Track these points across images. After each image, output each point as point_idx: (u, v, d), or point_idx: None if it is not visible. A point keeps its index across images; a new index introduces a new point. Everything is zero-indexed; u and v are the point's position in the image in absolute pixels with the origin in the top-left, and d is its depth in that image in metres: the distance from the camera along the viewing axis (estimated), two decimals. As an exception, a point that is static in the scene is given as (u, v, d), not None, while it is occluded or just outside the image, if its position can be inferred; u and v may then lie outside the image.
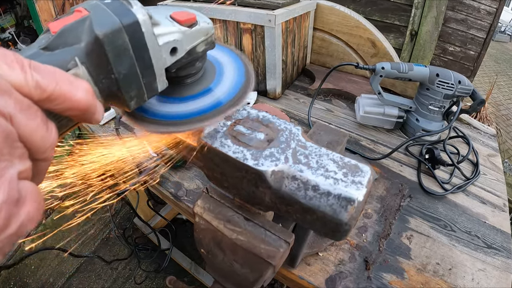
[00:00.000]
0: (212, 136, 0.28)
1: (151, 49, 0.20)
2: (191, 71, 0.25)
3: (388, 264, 0.49)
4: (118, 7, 0.18)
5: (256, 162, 0.25)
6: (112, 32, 0.18)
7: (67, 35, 0.18)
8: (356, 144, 0.75)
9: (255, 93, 0.89)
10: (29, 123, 0.14)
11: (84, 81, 0.17)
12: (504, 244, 0.55)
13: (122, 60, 0.18)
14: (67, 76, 0.16)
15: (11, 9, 1.88)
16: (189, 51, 0.22)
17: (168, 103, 0.25)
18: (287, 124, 0.28)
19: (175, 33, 0.21)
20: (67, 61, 0.17)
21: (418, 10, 1.26)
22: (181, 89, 0.25)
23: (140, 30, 0.19)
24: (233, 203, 0.33)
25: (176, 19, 0.21)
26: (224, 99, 0.25)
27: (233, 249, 0.31)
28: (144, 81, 0.20)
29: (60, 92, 0.15)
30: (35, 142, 0.14)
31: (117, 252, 1.41)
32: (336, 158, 0.25)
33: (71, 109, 0.16)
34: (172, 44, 0.21)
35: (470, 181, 0.66)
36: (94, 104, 0.17)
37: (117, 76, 0.19)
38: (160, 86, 0.22)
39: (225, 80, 0.27)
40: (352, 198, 0.23)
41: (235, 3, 0.80)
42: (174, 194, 0.60)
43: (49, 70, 0.15)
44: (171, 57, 0.21)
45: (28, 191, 0.14)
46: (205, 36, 0.23)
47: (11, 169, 0.13)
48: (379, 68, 0.70)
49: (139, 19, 0.18)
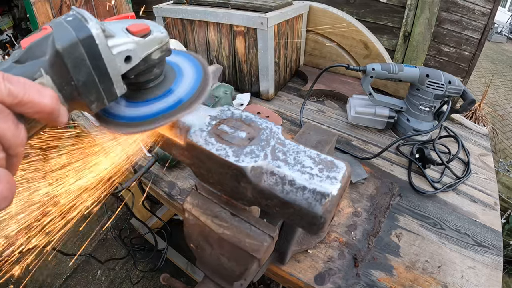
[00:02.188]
0: (198, 134, 0.29)
1: (105, 59, 0.22)
2: (150, 76, 0.27)
3: (377, 262, 0.50)
4: (76, 23, 0.21)
5: (237, 158, 0.26)
6: (70, 46, 0.20)
7: (34, 49, 0.21)
8: (347, 144, 0.76)
9: (248, 95, 0.90)
10: (2, 124, 0.17)
11: (50, 89, 0.20)
12: (495, 242, 0.56)
13: (80, 69, 0.21)
14: (36, 86, 0.19)
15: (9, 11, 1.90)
16: (144, 59, 0.25)
17: (133, 106, 0.27)
18: (268, 123, 0.29)
19: (129, 43, 0.23)
20: (34, 72, 0.20)
21: (411, 11, 1.28)
22: (145, 93, 0.28)
23: (95, 42, 0.21)
24: (220, 199, 0.34)
25: (131, 30, 0.24)
26: (185, 97, 0.28)
27: (220, 243, 0.32)
28: (102, 87, 0.23)
29: (29, 98, 0.18)
30: (7, 139, 0.17)
31: (114, 252, 1.42)
32: (313, 154, 0.26)
33: (38, 113, 0.19)
34: (126, 53, 0.23)
35: (461, 180, 0.67)
36: (58, 108, 0.20)
37: (77, 83, 0.21)
38: (119, 91, 0.24)
39: (184, 81, 0.29)
40: (326, 192, 0.24)
41: (228, 6, 0.81)
42: (168, 193, 0.61)
43: (20, 81, 0.18)
44: (126, 64, 0.24)
45: (1, 175, 0.17)
46: (159, 44, 0.25)
47: None
48: (370, 69, 0.71)
49: (93, 33, 0.21)
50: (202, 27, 0.86)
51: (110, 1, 1.62)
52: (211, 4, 0.84)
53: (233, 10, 0.80)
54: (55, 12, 1.54)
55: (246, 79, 0.90)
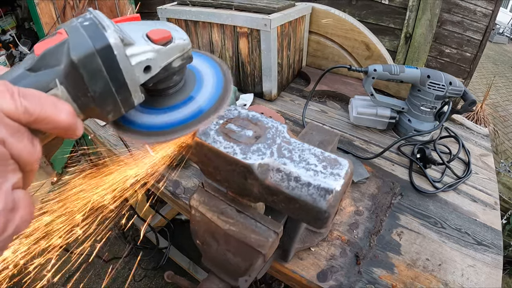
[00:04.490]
0: (206, 133, 0.30)
1: (124, 69, 0.21)
2: (169, 84, 0.26)
3: (378, 259, 0.51)
4: (93, 31, 0.20)
5: (245, 156, 0.27)
6: (86, 56, 0.19)
7: (49, 57, 0.20)
8: (349, 144, 0.77)
9: (251, 95, 0.91)
10: (19, 144, 0.17)
11: (67, 103, 0.19)
12: (495, 241, 0.56)
13: (96, 81, 0.20)
14: (52, 100, 0.18)
15: (12, 11, 1.90)
16: (164, 67, 0.24)
17: (152, 114, 0.26)
18: (274, 122, 0.30)
19: (149, 52, 0.22)
20: (48, 82, 0.20)
21: (412, 13, 1.28)
22: (164, 99, 0.27)
23: (112, 53, 0.20)
24: (226, 196, 0.35)
25: (151, 37, 0.23)
26: (205, 106, 0.27)
27: (226, 239, 0.33)
28: (119, 98, 0.22)
29: (46, 115, 0.18)
30: (24, 158, 0.17)
31: (117, 251, 1.43)
32: (317, 152, 0.27)
33: (55, 129, 0.18)
34: (145, 63, 0.22)
35: (461, 179, 0.68)
36: (75, 123, 0.19)
37: (93, 94, 0.21)
38: (137, 101, 0.23)
39: (205, 87, 0.28)
40: (330, 188, 0.25)
41: (232, 8, 0.82)
42: (173, 192, 0.62)
43: (36, 96, 0.18)
44: (145, 74, 0.23)
45: (20, 198, 0.17)
46: (181, 52, 0.24)
47: (6, 183, 0.16)
48: (371, 70, 0.72)
49: (111, 43, 0.20)
50: (206, 28, 0.87)
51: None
52: (215, 6, 0.85)
53: (236, 12, 0.81)
54: (58, 12, 1.55)
55: (249, 80, 0.91)
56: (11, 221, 0.16)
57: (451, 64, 1.58)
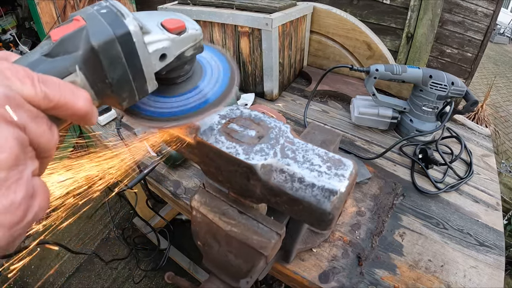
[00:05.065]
0: (208, 133, 0.30)
1: (141, 57, 0.21)
2: (180, 73, 0.26)
3: (381, 260, 0.51)
4: (112, 18, 0.20)
5: (247, 156, 0.27)
6: (106, 43, 0.20)
7: (67, 43, 0.20)
8: (350, 144, 0.77)
9: (253, 95, 0.91)
10: (38, 130, 0.17)
11: (84, 91, 0.19)
12: (497, 242, 0.56)
13: (115, 67, 0.21)
14: (70, 87, 0.18)
15: (12, 10, 1.90)
16: (178, 56, 0.24)
17: (159, 101, 0.27)
18: (277, 122, 0.30)
19: (164, 40, 0.23)
20: (67, 68, 0.20)
21: (414, 13, 1.28)
22: (170, 88, 0.27)
23: (132, 40, 0.20)
24: (228, 197, 0.35)
25: (166, 27, 0.23)
26: (211, 97, 0.27)
27: (228, 240, 0.32)
28: (135, 85, 0.22)
29: (64, 101, 0.18)
30: (42, 144, 0.17)
31: (117, 252, 1.42)
32: (321, 153, 0.27)
33: (72, 115, 0.19)
34: (161, 51, 0.23)
35: (463, 180, 0.68)
36: (91, 110, 0.19)
37: (111, 81, 0.21)
38: (151, 88, 0.24)
39: (212, 78, 0.29)
40: (335, 189, 0.24)
41: (233, 7, 0.82)
42: (173, 192, 0.61)
43: (55, 82, 0.18)
44: (161, 62, 0.23)
45: (38, 185, 0.17)
46: (193, 42, 0.25)
47: (27, 170, 0.16)
48: (373, 70, 0.72)
49: (130, 30, 0.20)
50: (207, 27, 0.87)
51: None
52: (216, 5, 0.85)
53: (237, 11, 0.81)
54: (59, 12, 1.55)
55: (251, 80, 0.91)
56: (31, 208, 0.16)
57: (452, 64, 1.57)
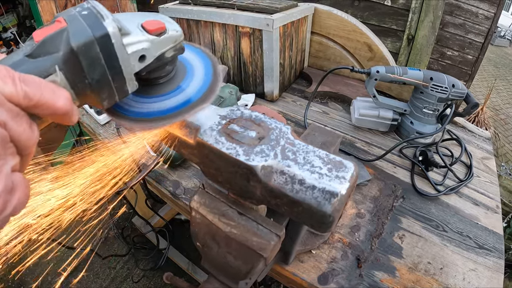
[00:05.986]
0: (208, 133, 0.29)
1: (120, 58, 0.22)
2: (161, 73, 0.27)
3: (380, 263, 0.51)
4: (92, 20, 0.21)
5: (248, 157, 0.27)
6: (85, 44, 0.20)
7: (48, 44, 0.20)
8: (351, 146, 0.76)
9: (253, 95, 0.91)
10: (19, 128, 0.17)
11: (65, 90, 0.20)
12: (496, 245, 0.56)
13: (94, 68, 0.21)
14: (51, 86, 0.19)
15: (13, 8, 1.90)
16: (158, 57, 0.24)
17: (141, 101, 0.27)
18: (277, 123, 0.30)
19: (144, 42, 0.23)
20: (48, 68, 0.20)
21: (415, 14, 1.28)
22: (154, 88, 0.28)
23: (110, 41, 0.21)
24: (227, 198, 0.35)
25: (146, 28, 0.23)
26: (194, 96, 0.27)
27: (227, 241, 0.32)
28: (115, 85, 0.23)
29: (45, 100, 0.18)
30: (22, 141, 0.18)
31: (116, 251, 1.42)
32: (322, 154, 0.27)
33: (52, 114, 0.19)
34: (141, 52, 0.23)
35: (463, 183, 0.67)
36: (71, 110, 0.20)
37: (91, 81, 0.21)
38: (131, 89, 0.24)
39: (194, 78, 0.29)
40: (336, 191, 0.24)
41: (234, 7, 0.82)
42: (173, 192, 0.61)
43: (36, 82, 0.18)
44: (140, 63, 0.23)
45: (18, 181, 0.17)
46: (173, 43, 0.25)
47: (6, 165, 0.17)
48: (374, 71, 0.72)
49: (109, 31, 0.21)
50: (208, 27, 0.87)
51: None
52: (217, 5, 0.85)
53: (239, 11, 0.81)
54: (59, 10, 1.55)
55: (251, 80, 0.91)
56: (9, 202, 0.17)
57: (452, 66, 1.58)
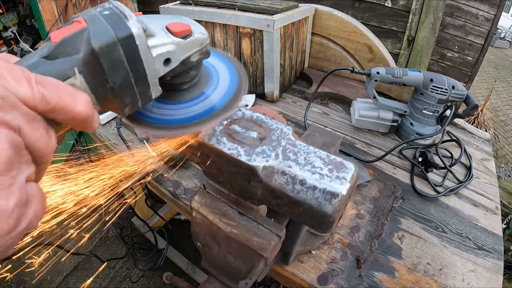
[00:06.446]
0: (209, 134, 0.30)
1: (145, 61, 0.20)
2: (185, 79, 0.25)
3: (379, 263, 0.51)
4: (115, 20, 0.19)
5: (249, 158, 0.27)
6: (108, 45, 0.19)
7: (67, 45, 0.19)
8: (351, 147, 0.77)
9: (253, 96, 0.91)
10: (34, 133, 0.16)
11: (85, 94, 0.18)
12: (495, 246, 0.56)
13: (117, 71, 0.20)
14: (70, 89, 0.17)
15: (14, 8, 1.90)
16: (183, 61, 0.23)
17: (164, 108, 0.26)
18: (278, 124, 0.30)
19: (169, 44, 0.22)
20: (66, 70, 0.19)
21: (415, 16, 1.28)
22: (175, 94, 0.26)
23: (135, 43, 0.19)
24: (228, 198, 0.35)
25: (171, 30, 0.22)
26: (218, 104, 0.26)
27: (228, 241, 0.32)
28: (138, 90, 0.21)
29: (63, 104, 0.17)
30: (39, 148, 0.16)
31: (115, 251, 1.42)
32: (323, 155, 0.27)
33: (71, 119, 0.18)
34: (166, 55, 0.22)
35: (463, 184, 0.68)
36: (92, 115, 0.18)
37: (112, 85, 0.20)
38: (154, 94, 0.23)
39: (219, 85, 0.28)
40: (336, 192, 0.24)
41: (235, 8, 0.82)
42: (173, 192, 0.61)
43: (53, 84, 0.17)
44: (165, 67, 0.22)
45: (33, 192, 0.16)
46: (199, 47, 0.24)
47: (21, 175, 0.15)
48: (374, 73, 0.72)
49: (133, 32, 0.19)
50: (209, 28, 0.87)
51: None
52: (218, 5, 0.85)
53: (239, 12, 0.81)
54: (60, 10, 1.55)
55: (251, 81, 0.91)
56: (24, 216, 0.15)
57: (452, 68, 1.58)
